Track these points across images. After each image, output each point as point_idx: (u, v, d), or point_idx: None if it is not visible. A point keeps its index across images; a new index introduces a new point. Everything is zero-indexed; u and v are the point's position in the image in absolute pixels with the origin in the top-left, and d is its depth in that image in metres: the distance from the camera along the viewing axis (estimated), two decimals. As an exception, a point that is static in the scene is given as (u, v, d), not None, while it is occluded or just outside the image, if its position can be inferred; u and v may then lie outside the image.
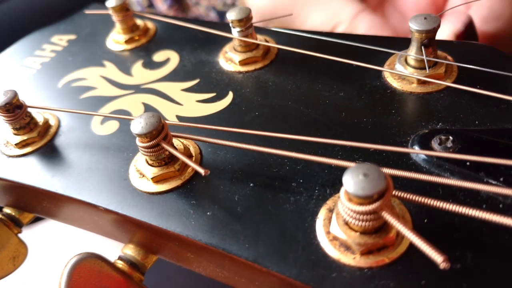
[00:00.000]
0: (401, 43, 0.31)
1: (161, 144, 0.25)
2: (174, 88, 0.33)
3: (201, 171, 0.23)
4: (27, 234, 0.33)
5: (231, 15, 0.32)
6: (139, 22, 0.40)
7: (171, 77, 0.34)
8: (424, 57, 0.27)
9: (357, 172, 0.19)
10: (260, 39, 0.34)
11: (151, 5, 0.75)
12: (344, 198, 0.20)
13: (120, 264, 0.28)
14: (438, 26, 0.26)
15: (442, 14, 0.31)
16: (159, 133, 0.25)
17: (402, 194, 0.20)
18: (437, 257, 0.17)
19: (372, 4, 0.47)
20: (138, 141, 0.26)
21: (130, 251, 0.28)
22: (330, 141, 0.24)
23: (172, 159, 0.26)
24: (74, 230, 0.33)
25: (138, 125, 0.25)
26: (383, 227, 0.20)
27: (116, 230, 0.28)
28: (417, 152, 0.24)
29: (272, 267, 0.21)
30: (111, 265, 0.27)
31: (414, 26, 0.27)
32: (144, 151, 0.26)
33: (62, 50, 0.40)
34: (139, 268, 0.28)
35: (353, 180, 0.19)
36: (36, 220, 0.34)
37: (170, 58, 0.36)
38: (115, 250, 0.30)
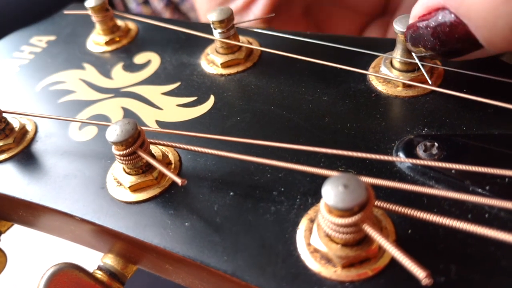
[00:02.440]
0: (387, 44, 0.30)
1: (137, 152, 0.24)
2: (154, 92, 0.32)
3: (178, 181, 0.22)
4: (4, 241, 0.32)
5: (212, 16, 0.31)
6: (120, 22, 0.38)
7: (151, 80, 0.33)
8: (417, 61, 0.26)
9: (337, 183, 0.18)
10: (243, 41, 0.33)
11: (146, 2, 0.74)
12: (324, 210, 0.19)
13: (99, 274, 0.27)
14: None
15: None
16: (135, 140, 0.24)
17: (385, 205, 0.19)
18: (419, 273, 0.17)
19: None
20: (114, 149, 0.25)
21: (109, 260, 0.28)
22: (312, 149, 0.23)
23: (150, 167, 0.25)
24: (52, 238, 0.32)
25: (114, 133, 0.24)
26: (365, 239, 0.20)
27: (93, 240, 0.27)
28: (401, 160, 0.23)
29: (251, 280, 0.21)
30: (90, 275, 0.26)
31: (399, 28, 0.26)
32: (120, 159, 0.25)
33: (41, 51, 0.39)
34: (118, 278, 0.28)
35: (332, 192, 0.18)
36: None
37: (151, 60, 0.35)
38: (94, 259, 0.29)
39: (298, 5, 0.45)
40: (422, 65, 0.27)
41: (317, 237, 0.20)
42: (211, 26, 0.31)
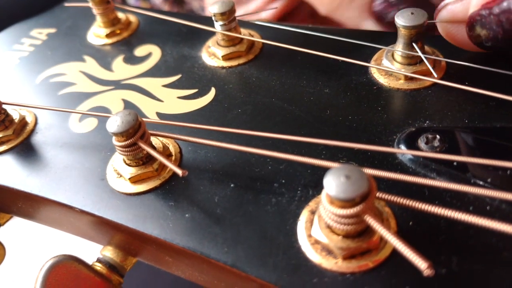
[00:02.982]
0: (389, 37, 0.30)
1: (138, 143, 0.24)
2: (155, 84, 0.32)
3: (179, 172, 0.22)
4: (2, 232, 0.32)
5: (214, 8, 0.30)
6: (120, 15, 0.38)
7: (152, 72, 0.33)
8: (420, 54, 0.26)
9: (339, 174, 0.18)
10: (244, 33, 0.33)
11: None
12: (326, 201, 0.19)
13: (98, 266, 0.27)
14: (425, 21, 0.25)
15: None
16: (135, 131, 0.24)
17: (387, 196, 0.19)
18: (421, 264, 0.17)
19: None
20: (114, 140, 0.25)
21: (108, 253, 0.28)
22: (314, 140, 0.23)
23: (150, 158, 0.25)
24: (52, 231, 0.32)
25: (114, 124, 0.24)
26: (367, 231, 0.20)
27: (93, 231, 0.27)
28: (403, 152, 0.23)
29: (251, 272, 0.21)
30: (89, 267, 0.26)
31: (400, 22, 0.26)
32: (120, 151, 0.25)
33: (41, 44, 0.39)
34: (118, 270, 0.27)
35: (334, 182, 0.18)
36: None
37: (152, 52, 0.35)
38: (94, 251, 0.29)
39: (306, 9, 0.45)
40: (426, 58, 0.26)
41: (318, 228, 0.20)
42: (213, 18, 0.31)
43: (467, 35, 0.25)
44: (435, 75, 0.26)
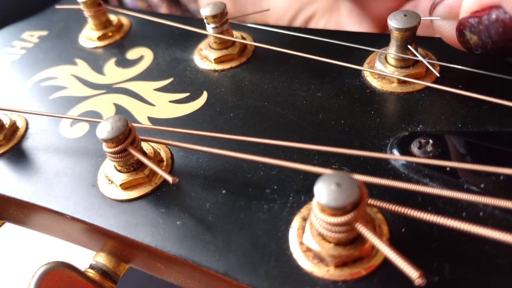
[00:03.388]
0: (382, 39, 0.29)
1: (128, 149, 0.24)
2: (146, 88, 0.32)
3: (169, 179, 0.22)
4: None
5: (205, 11, 0.30)
6: (112, 17, 0.38)
7: (144, 76, 0.33)
8: (419, 57, 0.26)
9: (329, 181, 0.18)
10: (237, 36, 0.32)
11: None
12: (317, 209, 0.19)
13: (91, 273, 0.27)
14: (419, 23, 0.25)
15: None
16: (125, 137, 0.24)
17: (379, 203, 0.19)
18: (412, 273, 0.16)
19: None
20: (104, 147, 0.24)
21: (101, 259, 0.27)
22: (306, 146, 0.23)
23: (141, 164, 0.25)
24: (44, 237, 0.32)
25: (104, 130, 0.24)
26: (358, 238, 0.19)
27: (85, 238, 0.27)
28: (396, 158, 0.23)
29: (243, 280, 0.20)
30: (82, 274, 0.26)
31: (393, 24, 0.25)
32: (111, 157, 0.24)
33: (33, 47, 0.39)
34: (111, 276, 0.27)
35: (325, 190, 0.18)
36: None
37: (144, 55, 0.35)
38: (86, 257, 0.29)
39: None
40: (421, 60, 0.26)
41: (309, 236, 0.20)
42: (205, 21, 0.31)
43: (457, 40, 0.24)
44: (437, 74, 0.26)
